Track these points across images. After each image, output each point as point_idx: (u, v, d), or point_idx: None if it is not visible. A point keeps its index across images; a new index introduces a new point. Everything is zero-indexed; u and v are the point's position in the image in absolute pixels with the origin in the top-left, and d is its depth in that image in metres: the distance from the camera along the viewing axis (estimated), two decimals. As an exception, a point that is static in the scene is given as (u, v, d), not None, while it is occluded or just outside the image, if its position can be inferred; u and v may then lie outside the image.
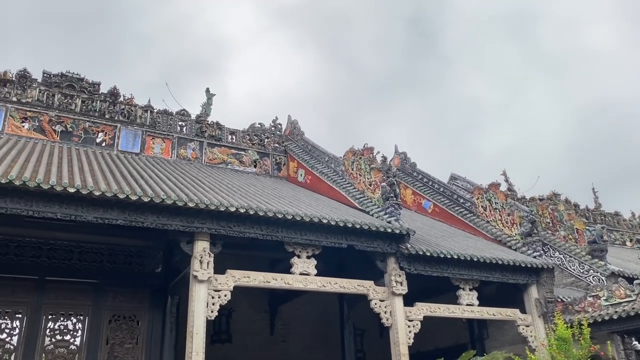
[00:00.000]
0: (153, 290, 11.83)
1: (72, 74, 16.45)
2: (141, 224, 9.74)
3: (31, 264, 11.00)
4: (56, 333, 10.75)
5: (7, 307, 10.54)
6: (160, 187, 10.66)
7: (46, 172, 9.99)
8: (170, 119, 17.50)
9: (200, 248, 10.16)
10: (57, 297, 11.00)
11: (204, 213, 10.15)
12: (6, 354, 10.19)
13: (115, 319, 11.29)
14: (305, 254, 11.18)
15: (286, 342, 15.96)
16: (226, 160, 17.91)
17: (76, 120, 15.86)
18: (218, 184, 13.28)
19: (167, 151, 17.01)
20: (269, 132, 19.24)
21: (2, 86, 15.35)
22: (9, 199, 8.84)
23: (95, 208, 9.38)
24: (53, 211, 9.13)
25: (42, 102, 15.69)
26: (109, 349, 11.00)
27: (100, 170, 11.60)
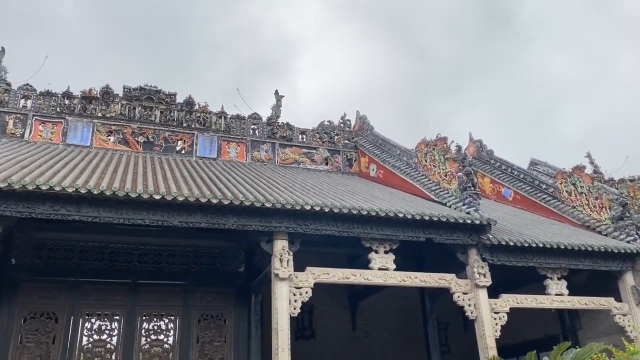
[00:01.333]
0: (237, 289, 12.24)
1: (150, 86, 17.31)
2: (223, 226, 10.08)
3: (124, 269, 11.72)
4: (151, 333, 11.38)
5: (106, 310, 11.30)
6: (238, 190, 10.98)
7: (133, 182, 10.57)
8: (243, 123, 18.00)
9: (279, 247, 10.37)
10: (150, 299, 11.64)
11: (280, 213, 10.36)
12: (108, 353, 10.93)
13: (204, 318, 11.80)
14: (383, 248, 11.13)
15: (368, 338, 15.95)
16: (298, 160, 18.18)
17: (156, 130, 16.69)
18: (292, 184, 13.50)
19: (242, 154, 17.51)
20: (338, 129, 19.31)
21: (88, 103, 16.42)
22: (102, 209, 9.42)
23: (180, 213, 9.82)
24: (141, 218, 9.64)
25: (125, 115, 16.63)
26: (200, 347, 11.50)
27: (182, 177, 12.12)
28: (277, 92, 19.05)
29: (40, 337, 10.62)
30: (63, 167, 11.12)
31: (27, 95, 15.96)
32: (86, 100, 16.37)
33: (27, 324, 10.68)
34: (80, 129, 15.95)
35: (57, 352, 10.58)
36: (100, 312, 11.23)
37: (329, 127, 19.19)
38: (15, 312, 10.67)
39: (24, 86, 16.06)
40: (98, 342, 10.94)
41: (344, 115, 19.78)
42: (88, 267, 11.53)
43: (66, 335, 10.77)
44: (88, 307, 11.18)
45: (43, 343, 10.61)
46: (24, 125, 15.50)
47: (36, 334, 10.64)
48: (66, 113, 16.03)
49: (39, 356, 10.48)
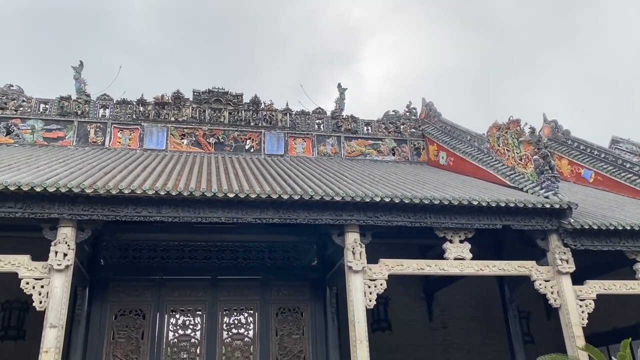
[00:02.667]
0: (312, 282, 12.40)
1: (218, 89, 17.82)
2: (294, 221, 10.23)
3: (204, 265, 12.16)
4: (232, 327, 11.76)
5: (189, 306, 11.79)
6: (307, 185, 11.09)
7: (207, 182, 10.94)
8: (307, 118, 18.15)
9: (351, 239, 10.39)
10: (229, 294, 12.03)
11: (350, 205, 10.37)
12: (192, 347, 11.42)
13: (281, 312, 12.05)
14: (458, 238, 10.87)
15: (446, 328, 15.68)
16: (364, 152, 18.10)
17: (226, 131, 17.18)
18: (360, 176, 13.47)
19: (308, 150, 17.67)
20: (403, 118, 19.04)
21: (161, 108, 17.15)
22: (180, 209, 9.82)
23: (253, 210, 10.06)
24: (217, 216, 9.95)
25: (195, 118, 17.23)
26: (279, 339, 11.77)
27: (253, 175, 12.40)
28: (340, 85, 19.06)
29: (130, 333, 11.25)
30: (142, 171, 11.68)
31: (105, 104, 16.88)
32: (159, 106, 17.10)
33: (118, 320, 11.35)
34: (155, 133, 16.70)
35: (147, 346, 11.18)
36: (183, 308, 11.73)
37: (394, 116, 18.95)
38: (106, 310, 11.36)
39: (102, 96, 17.00)
40: (183, 337, 11.45)
41: (409, 103, 19.49)
42: (170, 265, 12.06)
43: (154, 331, 11.35)
44: (172, 304, 11.71)
45: (133, 338, 11.23)
46: (104, 134, 16.42)
47: (126, 329, 11.28)
48: (141, 119, 16.83)
49: (130, 351, 11.11)
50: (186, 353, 11.32)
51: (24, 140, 15.77)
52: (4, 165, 11.09)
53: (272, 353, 11.62)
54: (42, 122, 16.15)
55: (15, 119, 16.06)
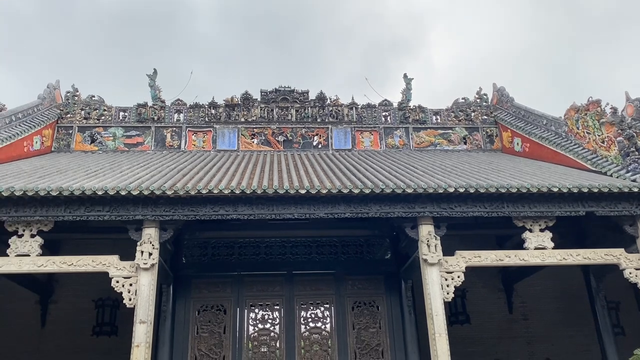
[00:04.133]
0: (386, 276, 12.35)
1: (284, 87, 18.10)
2: (366, 215, 10.23)
3: (279, 261, 12.43)
4: (309, 321, 11.96)
5: (267, 300, 12.10)
6: (377, 178, 11.04)
7: (279, 179, 11.15)
8: (374, 111, 18.05)
9: (425, 232, 10.25)
10: (305, 289, 12.22)
11: (423, 197, 10.23)
12: (272, 341, 11.71)
13: (357, 306, 12.10)
14: (538, 227, 10.45)
15: (527, 320, 15.14)
16: (434, 142, 17.76)
17: (294, 128, 17.43)
18: (431, 167, 13.23)
19: (376, 143, 17.57)
20: (474, 105, 18.48)
21: (231, 110, 17.65)
22: (255, 206, 10.09)
23: (325, 205, 10.16)
24: (290, 212, 10.14)
25: (264, 117, 17.59)
26: (356, 333, 11.83)
27: (322, 170, 12.50)
28: (405, 75, 18.78)
29: (213, 328, 11.70)
30: (217, 172, 12.08)
31: (179, 109, 17.60)
32: (229, 108, 17.61)
33: (201, 315, 11.83)
34: (227, 134, 17.22)
35: (229, 340, 11.58)
36: (262, 303, 12.04)
37: (464, 104, 18.44)
38: (190, 306, 11.87)
39: (176, 101, 17.73)
40: (263, 331, 11.77)
41: (480, 89, 18.88)
42: (247, 261, 12.43)
43: (234, 325, 11.74)
44: (251, 299, 12.06)
45: (216, 333, 11.67)
46: (179, 137, 17.14)
47: (209, 324, 11.73)
48: (213, 122, 17.40)
49: (213, 345, 11.56)
50: (266, 347, 11.63)
51: (107, 147, 16.75)
52: (91, 172, 11.83)
53: (350, 347, 11.70)
54: (122, 129, 17.09)
55: (98, 127, 17.09)
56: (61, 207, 9.63)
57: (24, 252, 9.57)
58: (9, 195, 9.23)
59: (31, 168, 12.37)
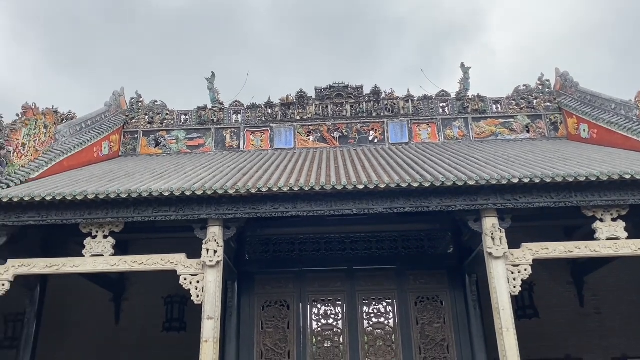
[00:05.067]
0: (449, 270, 12.14)
1: (338, 84, 18.11)
2: (426, 209, 10.07)
3: (340, 257, 12.48)
4: (371, 316, 11.94)
5: (329, 296, 12.18)
6: (437, 171, 10.86)
7: (337, 175, 11.18)
8: (431, 103, 17.74)
9: (489, 224, 9.98)
10: (366, 284, 12.21)
11: (485, 189, 9.96)
12: (336, 336, 11.79)
13: (420, 301, 11.97)
14: (609, 216, 9.95)
15: (600, 314, 14.46)
16: (495, 132, 17.25)
17: (349, 124, 17.42)
18: (493, 157, 12.86)
19: (434, 135, 17.26)
20: (536, 92, 17.78)
21: (287, 109, 17.86)
22: (314, 203, 10.16)
23: (383, 200, 10.08)
24: (349, 208, 10.13)
25: (319, 114, 17.68)
26: (420, 328, 11.71)
27: (380, 165, 12.43)
28: (463, 64, 18.34)
29: (277, 323, 11.91)
30: (276, 170, 12.27)
31: (237, 110, 17.99)
32: (285, 107, 17.82)
33: (265, 311, 12.06)
34: (284, 133, 17.44)
35: (293, 336, 11.76)
36: (324, 298, 12.14)
37: (526, 91, 17.79)
38: (254, 302, 12.13)
39: (234, 103, 18.13)
40: (326, 326, 11.87)
41: (542, 75, 18.16)
42: (308, 257, 12.56)
43: (298, 321, 11.90)
44: (313, 294, 12.18)
45: (280, 328, 11.88)
46: (238, 138, 17.52)
47: (273, 320, 11.95)
48: (270, 121, 17.67)
49: (278, 340, 11.76)
50: (330, 342, 11.72)
51: (170, 150, 17.37)
52: (157, 174, 12.31)
53: (415, 342, 11.60)
54: (184, 132, 17.66)
55: (162, 131, 17.75)
56: (130, 208, 10.08)
57: (98, 253, 10.09)
58: (83, 198, 9.74)
59: (101, 172, 13.02)
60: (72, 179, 11.93)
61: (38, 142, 13.29)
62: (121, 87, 18.65)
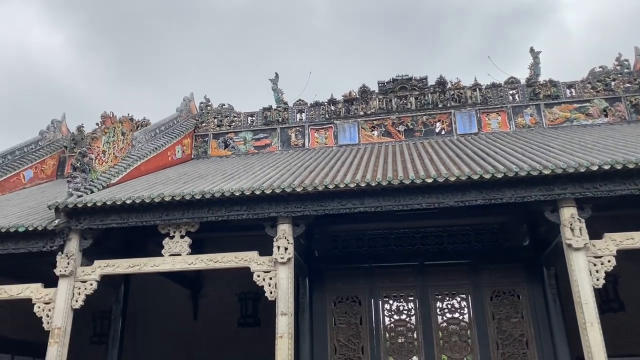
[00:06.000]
0: (525, 263, 11.71)
1: (401, 76, 17.88)
2: (499, 200, 9.75)
3: (410, 252, 12.33)
4: (445, 312, 11.73)
5: (400, 292, 12.07)
6: (509, 161, 10.49)
7: (404, 169, 11.05)
8: (499, 90, 17.15)
9: (567, 215, 9.53)
10: (438, 279, 12.00)
11: (562, 178, 9.50)
12: (409, 332, 11.67)
13: (495, 295, 11.62)
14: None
15: (697, 308, 13.43)
16: (569, 117, 16.43)
17: (414, 117, 17.16)
18: (569, 144, 12.26)
19: (504, 124, 16.68)
20: (614, 73, 16.73)
21: (350, 105, 17.84)
22: (381, 198, 10.08)
23: (454, 193, 9.85)
24: (418, 202, 9.98)
25: (383, 108, 17.54)
26: (496, 323, 11.37)
27: (448, 157, 12.16)
28: (532, 49, 17.59)
29: (349, 319, 11.95)
30: (341, 166, 12.30)
31: (301, 109, 18.19)
32: (348, 103, 17.82)
33: (337, 307, 12.13)
34: (348, 129, 17.45)
35: (366, 331, 11.75)
36: (395, 294, 12.04)
37: (602, 72, 16.79)
38: (325, 298, 12.23)
39: (297, 102, 18.34)
40: (399, 322, 11.77)
41: (619, 55, 17.06)
42: (377, 252, 12.50)
43: (370, 316, 11.88)
44: (384, 290, 12.11)
45: (352, 324, 11.90)
46: (302, 136, 17.72)
47: (345, 315, 12.00)
48: (334, 118, 17.73)
49: (351, 336, 11.80)
50: (403, 337, 11.62)
51: (239, 151, 17.84)
52: (228, 175, 12.68)
53: (491, 337, 11.28)
54: (251, 132, 18.09)
55: (230, 133, 18.26)
56: (204, 209, 10.43)
57: (175, 252, 10.53)
58: (160, 201, 10.20)
59: (176, 175, 13.58)
60: (149, 183, 12.52)
61: (117, 148, 14.06)
62: (190, 92, 19.38)
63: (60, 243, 10.55)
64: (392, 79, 17.93)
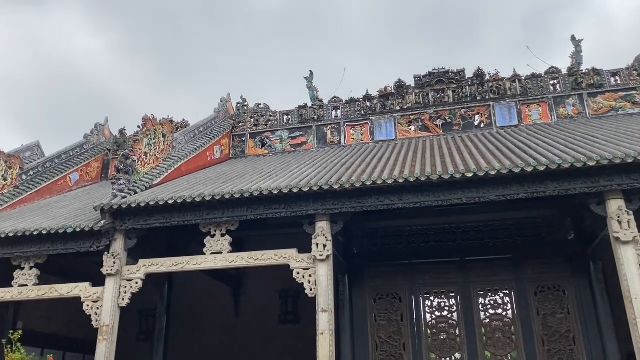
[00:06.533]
0: (570, 258, 11.41)
1: (438, 69, 17.64)
2: (542, 194, 9.51)
3: (450, 248, 12.18)
4: (488, 307, 11.53)
5: (442, 288, 11.93)
6: (552, 153, 10.20)
7: (442, 164, 10.90)
8: (540, 81, 16.70)
9: (614, 207, 9.21)
10: (480, 275, 11.80)
11: (608, 169, 9.18)
12: (451, 328, 11.53)
13: (540, 291, 11.36)
14: None
15: None
16: (615, 106, 15.86)
17: (452, 110, 16.90)
18: (615, 134, 11.83)
19: (546, 115, 16.25)
20: (661, 59, 16.09)
21: (385, 100, 17.72)
22: (420, 194, 9.97)
23: (495, 187, 9.66)
24: (457, 197, 9.82)
25: (420, 103, 17.34)
26: (542, 319, 11.12)
27: (488, 150, 11.94)
28: (574, 37, 17.06)
29: (390, 316, 11.89)
30: (378, 163, 12.24)
31: (336, 106, 18.18)
32: (384, 98, 17.70)
33: (377, 304, 12.09)
34: (384, 125, 17.33)
35: (407, 328, 11.67)
36: (437, 290, 11.92)
37: (648, 58, 16.15)
38: (365, 295, 12.20)
39: (333, 99, 18.33)
40: (440, 318, 11.65)
41: (666, 39, 16.37)
42: (417, 249, 12.39)
43: (411, 313, 11.79)
44: (425, 286, 12.00)
45: (393, 320, 11.84)
46: (338, 133, 17.71)
47: (386, 312, 11.95)
48: (369, 114, 17.65)
49: (392, 332, 11.74)
50: (445, 334, 11.49)
51: (275, 150, 17.98)
52: (265, 174, 12.80)
53: (536, 334, 11.03)
54: (287, 131, 18.20)
55: (266, 132, 18.43)
56: (244, 207, 10.56)
57: (217, 250, 10.71)
58: (201, 200, 10.40)
59: (215, 175, 13.80)
60: (190, 183, 12.77)
61: (158, 150, 14.39)
62: (227, 93, 19.67)
63: (107, 243, 10.89)
64: (428, 72, 17.71)
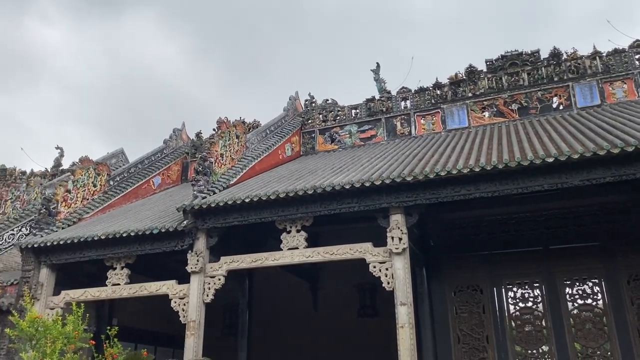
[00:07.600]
0: (667, 243, 10.61)
1: (510, 52, 16.97)
2: (632, 176, 8.93)
3: (531, 237, 11.67)
4: (576, 298, 10.97)
5: (525, 278, 11.46)
6: (640, 132, 9.56)
7: (520, 150, 10.50)
8: (623, 56, 15.66)
9: None
10: (566, 264, 11.22)
11: None
12: (537, 320, 11.06)
13: (633, 279, 10.65)
14: None
15: None
16: None
17: (528, 93, 16.21)
18: None
19: (631, 92, 15.22)
20: None
21: (456, 87, 17.27)
22: (498, 182, 9.64)
23: (578, 171, 9.19)
24: (538, 183, 9.43)
25: (493, 88, 16.77)
26: (636, 309, 10.42)
27: (569, 133, 11.36)
28: (660, 5, 15.81)
29: (471, 308, 11.58)
30: (452, 152, 11.96)
31: (404, 97, 17.96)
32: (455, 85, 17.27)
33: (457, 296, 11.82)
34: (456, 113, 16.91)
35: (490, 320, 11.33)
36: (519, 281, 11.46)
37: None
38: (444, 287, 11.97)
39: (401, 90, 18.12)
40: (525, 310, 11.20)
41: None
42: (496, 239, 11.98)
43: (493, 305, 11.42)
44: (506, 277, 11.57)
45: (475, 313, 11.53)
46: (408, 124, 17.49)
47: (467, 304, 11.65)
48: (440, 102, 17.28)
49: (474, 325, 11.43)
50: (531, 326, 11.04)
51: (345, 144, 18.04)
52: (337, 169, 12.87)
53: (631, 324, 10.35)
54: (356, 125, 18.20)
55: (335, 127, 18.53)
56: (317, 203, 10.69)
57: (293, 246, 10.92)
58: (276, 198, 10.63)
59: (288, 172, 14.06)
60: (264, 181, 13.09)
61: (232, 151, 14.87)
62: (295, 91, 19.97)
63: (190, 242, 11.39)
64: (500, 55, 17.09)
